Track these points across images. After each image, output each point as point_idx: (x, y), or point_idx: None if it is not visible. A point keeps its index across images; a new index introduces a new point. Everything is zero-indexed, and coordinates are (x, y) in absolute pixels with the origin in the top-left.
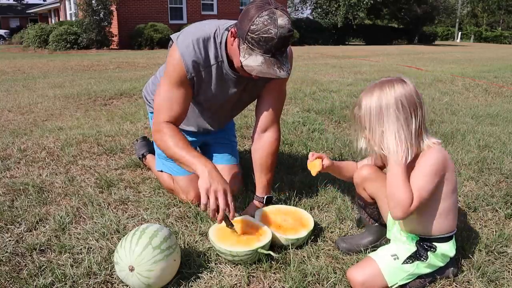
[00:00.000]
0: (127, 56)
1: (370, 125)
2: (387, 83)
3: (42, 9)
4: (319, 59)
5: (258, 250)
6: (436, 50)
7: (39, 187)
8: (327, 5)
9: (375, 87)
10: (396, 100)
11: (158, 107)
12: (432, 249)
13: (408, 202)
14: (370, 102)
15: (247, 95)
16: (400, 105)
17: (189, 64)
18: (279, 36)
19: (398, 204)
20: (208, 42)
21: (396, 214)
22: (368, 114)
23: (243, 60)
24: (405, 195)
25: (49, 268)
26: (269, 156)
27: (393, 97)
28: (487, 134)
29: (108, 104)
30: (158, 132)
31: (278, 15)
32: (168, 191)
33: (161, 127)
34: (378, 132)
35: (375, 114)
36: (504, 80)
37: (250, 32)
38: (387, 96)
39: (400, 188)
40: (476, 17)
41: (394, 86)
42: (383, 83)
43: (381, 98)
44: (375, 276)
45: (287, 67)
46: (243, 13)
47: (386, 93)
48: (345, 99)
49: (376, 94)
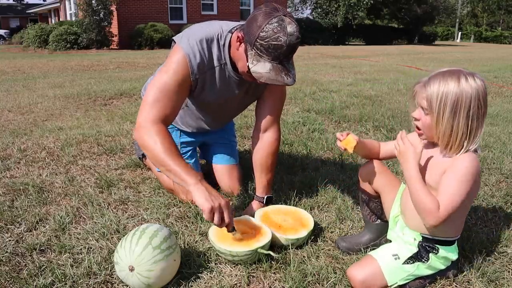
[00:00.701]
0: (127, 56)
1: (439, 112)
2: (466, 74)
3: (42, 9)
4: (319, 59)
5: (258, 250)
6: (436, 50)
7: (39, 187)
8: (327, 5)
9: (452, 74)
10: (475, 95)
11: (151, 100)
12: (434, 250)
13: (435, 209)
14: (447, 88)
15: (249, 97)
16: (477, 101)
17: (194, 65)
18: (288, 44)
19: (428, 214)
20: (212, 43)
21: (429, 223)
22: (442, 101)
23: (251, 67)
24: (432, 203)
25: (49, 268)
26: (269, 156)
27: (474, 90)
28: (487, 134)
29: (108, 104)
30: (147, 129)
31: (287, 22)
32: (168, 191)
33: (151, 124)
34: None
35: (450, 104)
36: (504, 80)
37: (260, 39)
38: (466, 88)
39: (424, 194)
40: (476, 17)
41: (474, 79)
42: (459, 73)
43: (460, 89)
44: (375, 275)
45: (293, 74)
46: (251, 18)
47: (465, 84)
48: (345, 99)
49: (453, 82)
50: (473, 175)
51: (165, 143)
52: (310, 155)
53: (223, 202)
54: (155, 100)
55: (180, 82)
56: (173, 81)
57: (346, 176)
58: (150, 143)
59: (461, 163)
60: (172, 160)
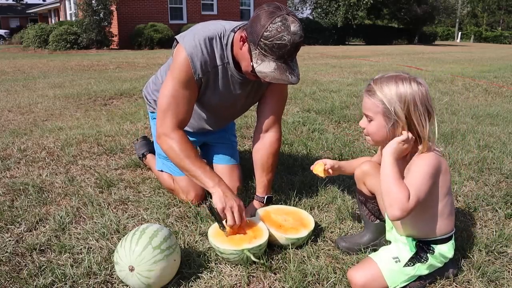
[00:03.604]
0: (127, 56)
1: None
2: (409, 79)
3: (42, 9)
4: (319, 59)
5: (244, 251)
6: (436, 50)
7: (39, 187)
8: (327, 5)
9: (397, 78)
10: (416, 95)
11: (164, 109)
12: (430, 251)
13: (405, 199)
14: (396, 90)
15: (252, 96)
16: (420, 101)
17: (197, 65)
18: (292, 43)
19: (395, 202)
20: (215, 42)
21: (394, 213)
22: (393, 102)
23: (256, 66)
24: (402, 193)
25: (49, 268)
26: (270, 156)
27: (420, 91)
28: (487, 134)
29: (108, 104)
30: (167, 138)
31: (290, 21)
32: (168, 191)
33: (169, 132)
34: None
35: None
36: (504, 80)
37: (264, 39)
38: (411, 90)
39: (395, 185)
40: (476, 17)
41: (417, 83)
42: (404, 77)
43: (405, 90)
44: (376, 278)
45: (297, 73)
46: (254, 18)
47: (409, 86)
48: (345, 99)
49: (399, 84)
50: (433, 169)
51: (184, 149)
52: (310, 155)
53: (234, 204)
54: (167, 109)
55: (186, 85)
56: (180, 86)
57: (346, 176)
58: (170, 152)
59: (419, 161)
60: (192, 165)
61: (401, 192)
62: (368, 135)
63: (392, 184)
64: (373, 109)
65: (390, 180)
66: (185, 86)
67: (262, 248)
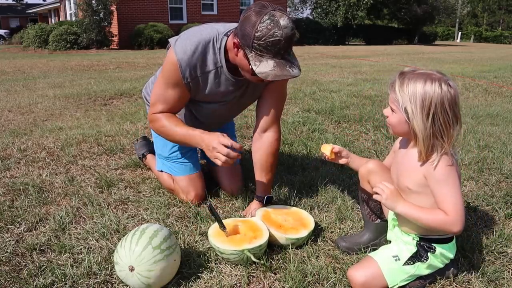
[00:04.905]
0: (127, 56)
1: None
2: (439, 79)
3: (42, 9)
4: (319, 59)
5: (245, 251)
6: (436, 50)
7: (39, 187)
8: (327, 5)
9: (427, 77)
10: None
11: (153, 102)
12: (431, 250)
13: (442, 215)
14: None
15: (247, 97)
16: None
17: (185, 70)
18: (285, 37)
19: (442, 226)
20: (207, 47)
21: (453, 231)
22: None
23: (255, 68)
24: (437, 215)
25: (49, 268)
26: (270, 156)
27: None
28: (487, 134)
29: (108, 104)
30: (155, 121)
31: (278, 16)
32: (168, 191)
33: (155, 116)
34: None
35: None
36: (504, 80)
37: (256, 39)
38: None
39: (426, 216)
40: (476, 17)
41: (447, 84)
42: (434, 77)
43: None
44: (376, 277)
45: (297, 64)
46: (243, 21)
47: (438, 87)
48: (345, 99)
49: (428, 83)
50: (452, 170)
51: (172, 121)
52: (310, 155)
53: (214, 142)
54: (156, 103)
55: (175, 86)
56: (169, 87)
57: (346, 176)
58: (163, 127)
59: (438, 169)
60: (183, 130)
61: (435, 215)
62: (390, 125)
63: (425, 220)
64: (395, 103)
65: (421, 217)
66: (173, 88)
67: (262, 248)
